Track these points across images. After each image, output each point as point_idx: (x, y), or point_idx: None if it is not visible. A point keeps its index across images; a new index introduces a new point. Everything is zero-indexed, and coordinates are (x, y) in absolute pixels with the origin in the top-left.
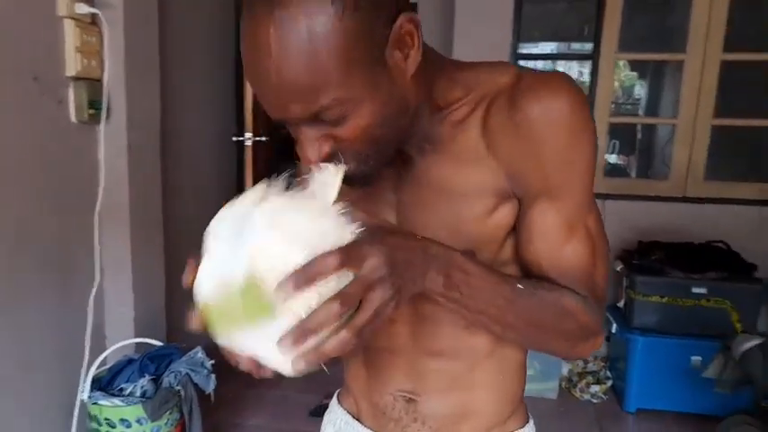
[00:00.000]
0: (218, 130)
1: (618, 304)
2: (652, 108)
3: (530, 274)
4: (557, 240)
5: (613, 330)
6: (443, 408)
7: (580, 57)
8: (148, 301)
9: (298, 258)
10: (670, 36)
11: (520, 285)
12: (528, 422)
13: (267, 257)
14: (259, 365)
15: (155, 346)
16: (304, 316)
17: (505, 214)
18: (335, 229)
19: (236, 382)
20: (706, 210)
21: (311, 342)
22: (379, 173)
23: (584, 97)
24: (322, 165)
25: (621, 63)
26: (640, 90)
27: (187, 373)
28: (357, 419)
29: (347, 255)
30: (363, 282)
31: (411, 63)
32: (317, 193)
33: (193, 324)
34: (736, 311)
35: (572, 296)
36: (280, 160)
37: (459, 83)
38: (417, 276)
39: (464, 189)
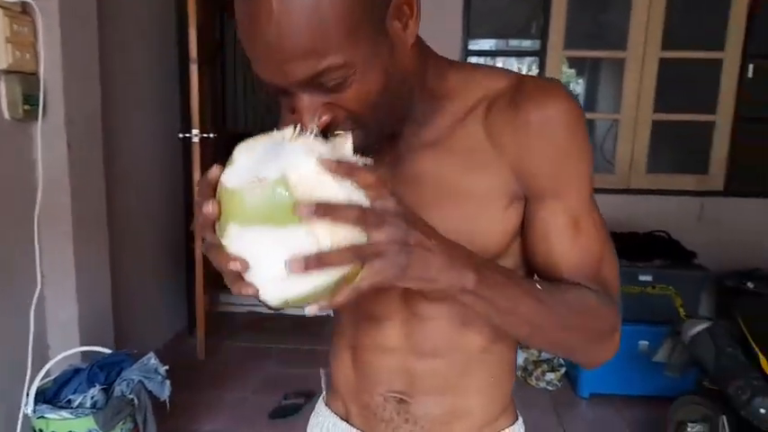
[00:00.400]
0: (163, 127)
1: None
2: (590, 104)
3: (541, 275)
4: (568, 238)
5: None
6: (435, 408)
7: (527, 53)
8: (94, 306)
9: (333, 189)
10: (611, 34)
11: (540, 286)
12: (517, 420)
13: (304, 176)
14: (242, 277)
15: (103, 353)
16: (323, 243)
17: (513, 215)
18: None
19: (192, 387)
20: (649, 201)
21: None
22: (380, 147)
23: (579, 103)
24: (332, 134)
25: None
26: (577, 87)
27: (140, 381)
28: (346, 421)
29: (395, 209)
30: (397, 237)
31: (410, 33)
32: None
33: (210, 208)
34: (679, 297)
35: (591, 293)
36: (228, 156)
37: (452, 77)
38: (442, 269)
39: (472, 190)
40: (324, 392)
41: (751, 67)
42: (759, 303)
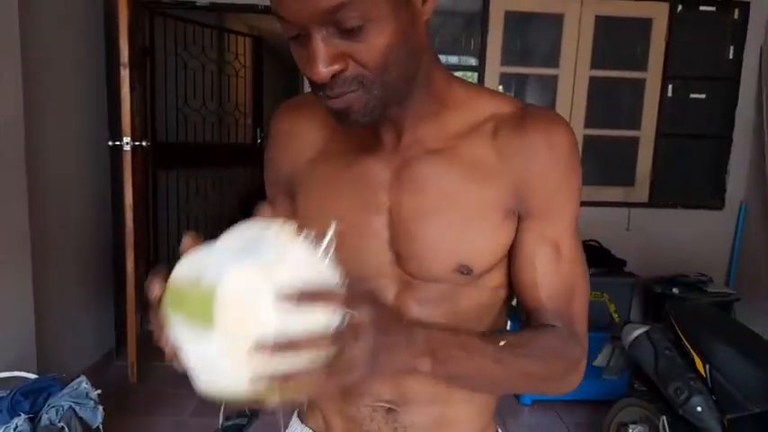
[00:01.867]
0: (89, 135)
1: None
2: None
3: (522, 296)
4: (550, 264)
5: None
6: (423, 417)
7: (467, 69)
8: (16, 328)
9: (267, 298)
10: (545, 52)
11: (502, 342)
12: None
13: (242, 284)
14: (176, 355)
15: (28, 379)
16: (239, 343)
17: (507, 232)
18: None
19: (126, 412)
20: (581, 211)
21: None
22: (378, 115)
23: (576, 138)
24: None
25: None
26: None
27: (71, 407)
28: None
29: (332, 296)
30: (351, 331)
31: (427, 8)
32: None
33: (153, 291)
34: (612, 303)
35: (555, 336)
36: (159, 167)
37: (457, 90)
38: (400, 355)
39: (472, 199)
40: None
41: (670, 86)
42: (691, 308)
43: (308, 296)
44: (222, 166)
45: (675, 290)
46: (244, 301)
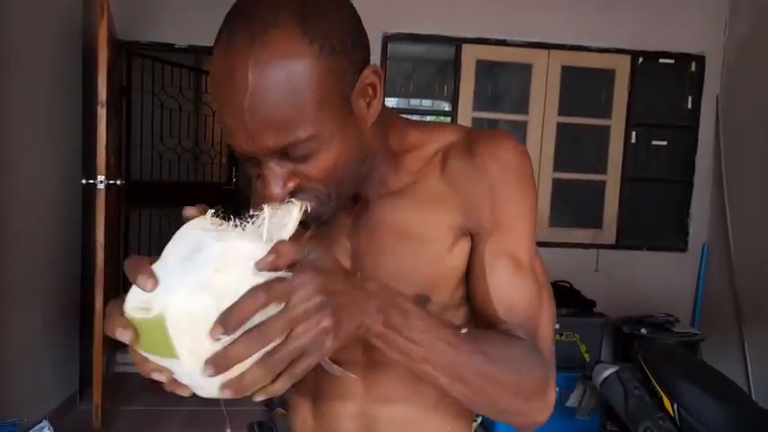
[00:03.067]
0: (61, 173)
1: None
2: None
3: (481, 312)
4: (506, 276)
5: None
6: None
7: (440, 113)
8: None
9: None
10: (514, 99)
11: (464, 330)
12: None
13: (188, 307)
14: (173, 381)
15: None
16: (203, 362)
17: (460, 253)
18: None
19: None
20: (551, 253)
21: (235, 371)
22: (335, 215)
23: (527, 151)
24: (281, 203)
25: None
26: None
27: None
28: None
29: (271, 289)
30: (290, 313)
31: (372, 112)
32: (273, 230)
33: (119, 334)
34: (583, 344)
35: (518, 343)
36: (132, 205)
37: (410, 136)
38: (355, 313)
39: (423, 230)
40: None
41: (633, 133)
42: (658, 348)
43: (247, 309)
44: (197, 204)
45: (644, 330)
46: (194, 323)
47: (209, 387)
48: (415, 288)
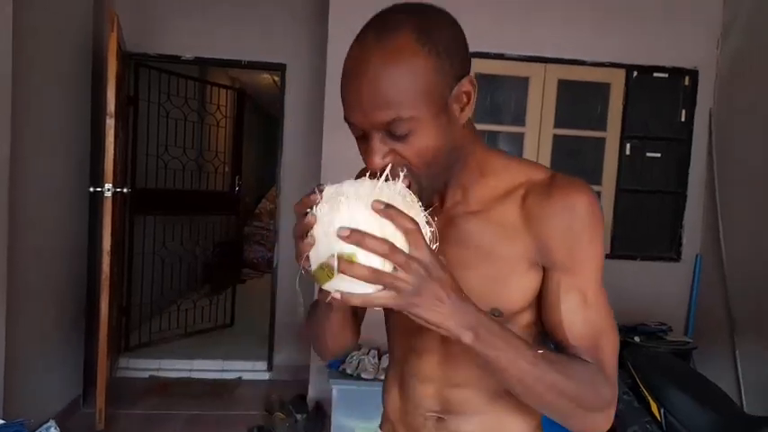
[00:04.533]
0: (70, 180)
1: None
2: None
3: (553, 336)
4: (575, 308)
5: None
6: (468, 426)
7: None
8: None
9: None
10: (512, 111)
11: (540, 351)
12: None
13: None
14: (345, 297)
15: None
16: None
17: (532, 280)
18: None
19: None
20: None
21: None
22: (424, 197)
23: (599, 202)
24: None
25: None
26: None
27: None
28: None
29: (422, 257)
30: (408, 261)
31: (464, 116)
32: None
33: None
34: None
35: (586, 367)
36: (137, 212)
37: (496, 161)
38: (435, 313)
39: (503, 254)
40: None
41: (628, 145)
42: (647, 355)
43: (394, 211)
44: (199, 212)
45: (637, 338)
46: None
47: (364, 288)
48: (490, 302)
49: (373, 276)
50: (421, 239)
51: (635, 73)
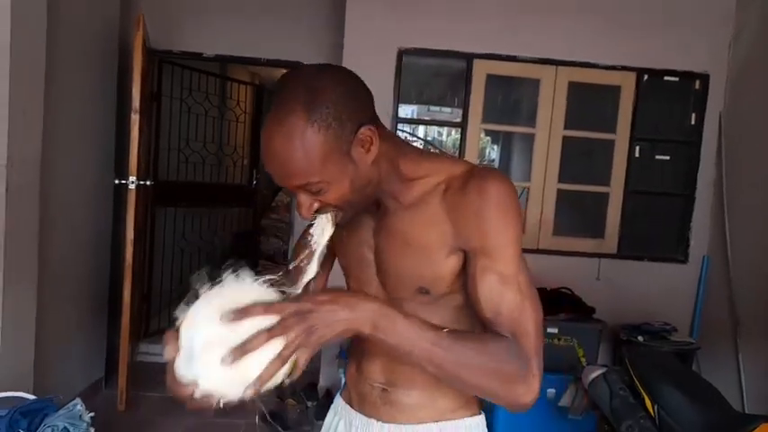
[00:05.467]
0: (97, 173)
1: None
2: (504, 169)
3: (475, 313)
4: (493, 288)
5: None
6: (406, 398)
7: (452, 124)
8: (17, 351)
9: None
10: (523, 112)
11: (446, 330)
12: (479, 414)
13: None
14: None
15: (26, 400)
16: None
17: (453, 262)
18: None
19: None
20: (555, 260)
21: (253, 370)
22: (356, 216)
23: (513, 187)
24: (317, 215)
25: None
26: (493, 152)
27: (65, 427)
28: (349, 405)
29: (270, 306)
30: (282, 322)
31: (370, 156)
32: (316, 234)
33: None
34: (581, 348)
35: (497, 342)
36: (159, 204)
37: (424, 164)
38: (333, 323)
39: (425, 241)
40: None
41: (637, 148)
42: (644, 352)
43: (238, 314)
44: (219, 204)
45: (641, 337)
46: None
47: (234, 391)
48: (419, 282)
49: (279, 360)
50: (275, 308)
51: (646, 76)
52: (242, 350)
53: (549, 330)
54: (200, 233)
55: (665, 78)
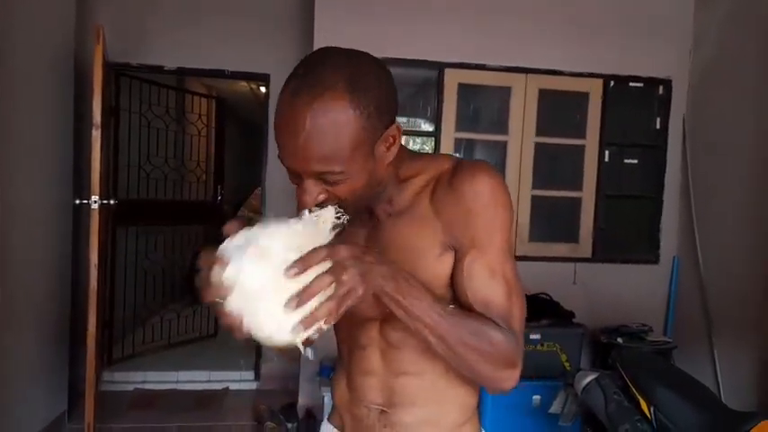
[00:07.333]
0: (54, 193)
1: None
2: None
3: (464, 307)
4: (482, 281)
5: None
6: (408, 417)
7: (425, 134)
8: None
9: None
10: (495, 120)
11: (451, 306)
12: (480, 431)
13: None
14: (242, 327)
15: None
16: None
17: (446, 261)
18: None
19: None
20: (532, 266)
21: (308, 306)
22: (351, 221)
23: (502, 179)
24: (321, 207)
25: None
26: None
27: None
28: (341, 430)
29: (330, 250)
30: (339, 264)
31: (390, 155)
32: (317, 224)
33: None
34: (564, 353)
35: (494, 327)
36: (119, 224)
37: (415, 164)
38: (375, 273)
39: (417, 244)
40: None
41: (607, 152)
42: (636, 355)
43: (302, 264)
44: (182, 222)
45: (620, 339)
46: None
47: (286, 326)
48: None
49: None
50: (333, 250)
51: (612, 82)
52: (307, 294)
53: (533, 337)
54: (164, 253)
55: (631, 84)
